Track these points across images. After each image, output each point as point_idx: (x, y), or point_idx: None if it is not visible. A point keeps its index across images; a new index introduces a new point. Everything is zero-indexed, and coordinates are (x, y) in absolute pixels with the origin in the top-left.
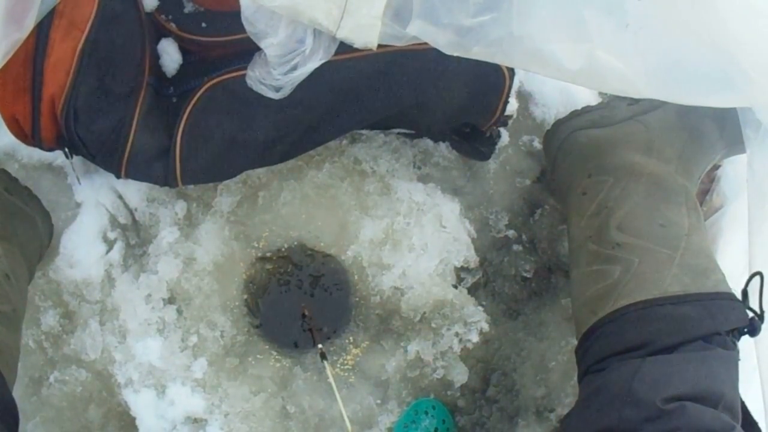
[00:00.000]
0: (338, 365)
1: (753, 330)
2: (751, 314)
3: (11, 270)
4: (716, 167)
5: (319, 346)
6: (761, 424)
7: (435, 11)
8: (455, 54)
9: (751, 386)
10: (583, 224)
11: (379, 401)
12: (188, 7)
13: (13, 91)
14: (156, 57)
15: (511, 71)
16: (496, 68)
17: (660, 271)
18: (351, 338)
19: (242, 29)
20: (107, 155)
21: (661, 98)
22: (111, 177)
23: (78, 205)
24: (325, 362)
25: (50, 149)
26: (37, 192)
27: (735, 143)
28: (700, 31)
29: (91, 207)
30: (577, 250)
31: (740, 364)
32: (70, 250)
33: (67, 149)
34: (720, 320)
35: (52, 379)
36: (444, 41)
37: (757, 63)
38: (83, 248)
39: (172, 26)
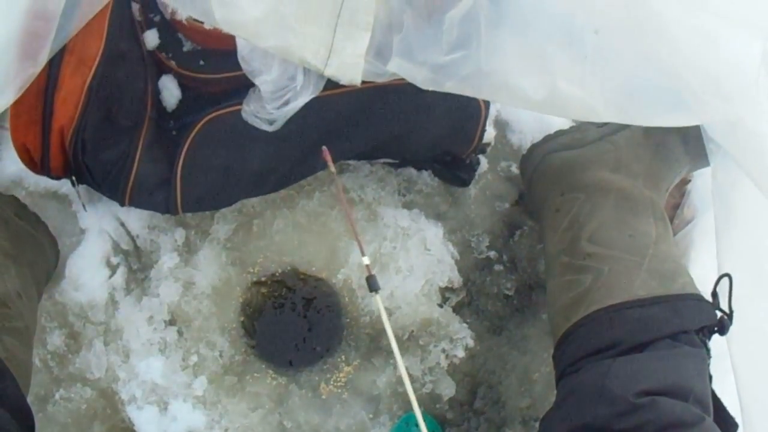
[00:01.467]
0: (331, 382)
1: (722, 329)
2: (720, 314)
3: (23, 289)
4: (686, 182)
5: (333, 170)
6: (737, 419)
7: (412, 50)
8: (430, 89)
9: (725, 386)
10: (557, 239)
11: (371, 415)
12: (187, 46)
13: (25, 122)
14: (157, 92)
15: (487, 102)
16: (472, 99)
17: (629, 277)
18: (343, 357)
19: (238, 67)
20: (112, 184)
21: (620, 121)
22: (114, 205)
23: (82, 231)
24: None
25: (57, 178)
26: (43, 218)
27: (700, 157)
28: (653, 58)
29: (95, 233)
30: (551, 263)
31: (718, 363)
32: (75, 274)
33: (73, 177)
34: (687, 319)
35: (57, 396)
36: (420, 77)
37: (705, 85)
38: (88, 272)
39: (172, 63)
